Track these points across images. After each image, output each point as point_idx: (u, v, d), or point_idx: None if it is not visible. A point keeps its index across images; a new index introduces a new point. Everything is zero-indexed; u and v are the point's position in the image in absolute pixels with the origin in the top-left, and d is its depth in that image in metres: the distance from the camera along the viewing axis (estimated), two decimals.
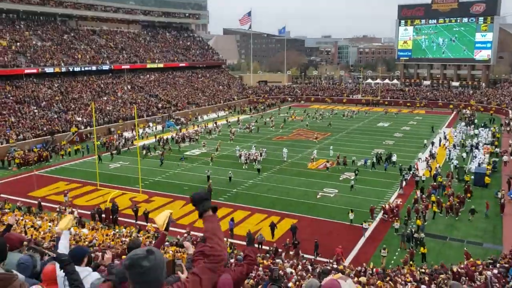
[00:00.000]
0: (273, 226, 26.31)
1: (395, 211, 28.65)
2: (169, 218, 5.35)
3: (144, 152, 45.92)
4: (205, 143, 48.98)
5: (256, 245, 23.97)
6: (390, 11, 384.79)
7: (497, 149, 46.08)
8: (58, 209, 28.19)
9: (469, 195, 31.80)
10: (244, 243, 22.99)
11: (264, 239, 24.97)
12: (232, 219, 27.27)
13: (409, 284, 16.91)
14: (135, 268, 2.57)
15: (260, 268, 16.88)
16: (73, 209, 28.34)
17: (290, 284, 14.40)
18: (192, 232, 24.46)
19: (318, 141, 51.42)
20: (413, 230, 25.80)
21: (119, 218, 28.47)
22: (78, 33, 76.70)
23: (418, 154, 45.00)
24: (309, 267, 19.62)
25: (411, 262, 21.99)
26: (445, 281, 16.45)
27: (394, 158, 41.47)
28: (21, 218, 24.12)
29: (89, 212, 29.00)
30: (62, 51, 68.74)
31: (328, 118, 67.20)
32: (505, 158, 41.94)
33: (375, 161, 41.34)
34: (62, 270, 4.16)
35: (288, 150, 44.68)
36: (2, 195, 32.05)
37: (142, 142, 48.66)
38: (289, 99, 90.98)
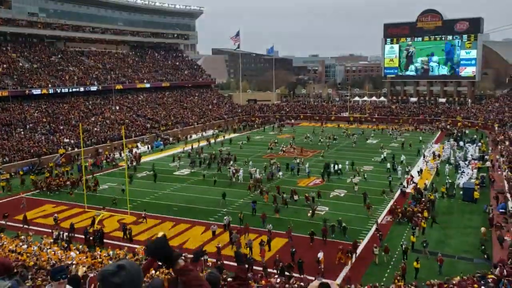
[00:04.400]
0: (262, 244, 26.27)
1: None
2: None
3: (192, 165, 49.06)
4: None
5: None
6: (376, 30, 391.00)
7: (487, 156, 48.50)
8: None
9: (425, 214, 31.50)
10: (234, 263, 22.73)
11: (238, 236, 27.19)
12: (253, 202, 33.45)
13: None
14: (104, 283, 2.53)
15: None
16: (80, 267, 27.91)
17: None
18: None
19: (307, 158, 51.46)
20: (404, 246, 25.73)
21: (106, 241, 28.05)
22: (66, 54, 76.63)
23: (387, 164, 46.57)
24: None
25: (398, 278, 21.87)
26: None
27: (337, 167, 44.73)
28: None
29: (76, 235, 28.62)
30: (49, 73, 68.51)
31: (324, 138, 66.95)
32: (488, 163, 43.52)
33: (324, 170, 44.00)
34: None
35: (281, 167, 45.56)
36: None
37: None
38: (289, 119, 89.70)
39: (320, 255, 24.38)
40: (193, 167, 48.66)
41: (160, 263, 2.78)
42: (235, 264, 3.97)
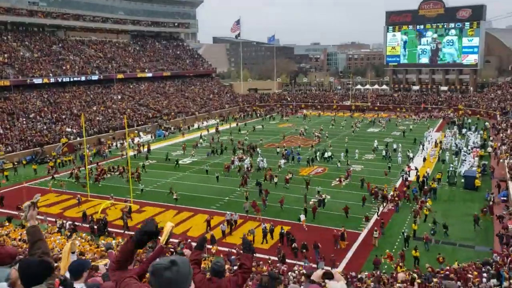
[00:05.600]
0: (265, 232, 26.46)
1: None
2: (170, 232, 5.30)
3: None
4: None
5: None
6: (378, 17, 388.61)
7: (491, 143, 49.08)
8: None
9: (430, 202, 31.61)
10: (225, 248, 22.94)
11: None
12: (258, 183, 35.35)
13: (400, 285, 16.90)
14: (156, 277, 2.58)
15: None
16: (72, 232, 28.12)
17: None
18: (184, 242, 24.27)
19: (312, 146, 51.54)
20: (406, 234, 25.89)
21: (109, 229, 28.27)
22: (67, 43, 76.41)
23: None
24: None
25: (400, 264, 22.06)
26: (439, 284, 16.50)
27: (326, 155, 45.86)
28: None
29: (79, 224, 28.86)
30: (50, 62, 68.39)
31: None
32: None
33: (314, 156, 45.91)
34: None
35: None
36: None
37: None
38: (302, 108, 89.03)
39: (302, 216, 27.74)
40: (209, 155, 49.00)
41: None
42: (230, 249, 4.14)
